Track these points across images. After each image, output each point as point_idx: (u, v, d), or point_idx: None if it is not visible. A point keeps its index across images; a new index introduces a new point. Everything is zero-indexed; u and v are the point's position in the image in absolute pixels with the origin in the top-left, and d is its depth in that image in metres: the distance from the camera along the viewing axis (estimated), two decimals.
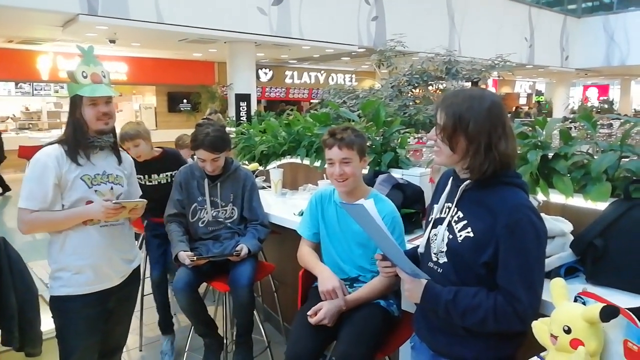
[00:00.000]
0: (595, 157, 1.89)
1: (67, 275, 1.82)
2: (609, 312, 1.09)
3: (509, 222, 1.27)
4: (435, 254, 1.44)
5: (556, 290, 1.27)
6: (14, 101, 11.68)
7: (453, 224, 1.40)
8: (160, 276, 2.92)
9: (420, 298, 1.40)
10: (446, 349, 1.44)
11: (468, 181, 1.38)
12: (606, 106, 17.84)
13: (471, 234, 1.34)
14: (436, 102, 1.42)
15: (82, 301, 1.83)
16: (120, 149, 2.01)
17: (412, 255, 1.57)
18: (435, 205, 1.51)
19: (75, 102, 1.80)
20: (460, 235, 1.36)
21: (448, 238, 1.40)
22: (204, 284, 2.51)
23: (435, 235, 1.45)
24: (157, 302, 2.97)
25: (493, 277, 1.32)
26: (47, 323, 2.06)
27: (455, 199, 1.41)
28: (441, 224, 1.44)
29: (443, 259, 1.42)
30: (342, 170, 1.87)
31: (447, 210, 1.44)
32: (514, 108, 19.06)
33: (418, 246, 1.56)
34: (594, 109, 16.55)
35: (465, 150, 1.33)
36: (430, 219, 1.51)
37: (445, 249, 1.40)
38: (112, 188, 1.88)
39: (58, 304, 1.85)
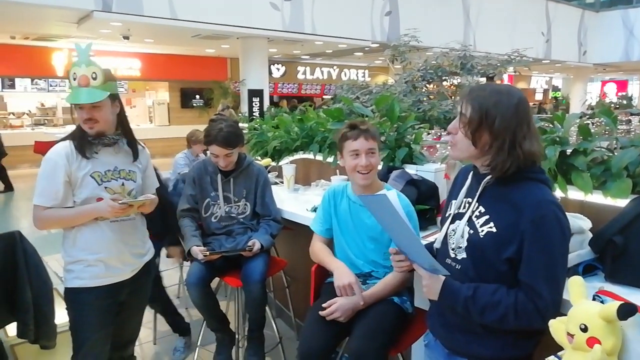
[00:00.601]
0: (615, 153, 1.85)
1: (79, 268, 1.84)
2: (627, 310, 1.07)
3: (534, 217, 1.25)
4: (453, 249, 1.42)
5: (574, 289, 1.25)
6: (29, 97, 11.83)
7: (474, 219, 1.37)
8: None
9: (438, 295, 1.37)
10: (463, 347, 1.41)
11: (490, 176, 1.35)
12: (625, 102, 17.48)
13: (494, 229, 1.32)
14: (461, 93, 1.39)
15: (94, 293, 1.85)
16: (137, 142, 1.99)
17: (429, 249, 1.54)
18: (453, 201, 1.49)
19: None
20: (482, 231, 1.34)
21: (469, 233, 1.37)
22: (216, 279, 2.51)
23: (453, 230, 1.43)
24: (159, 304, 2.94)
25: (513, 274, 1.30)
26: (61, 316, 2.08)
27: (477, 194, 1.38)
28: (460, 220, 1.41)
29: (462, 255, 1.39)
30: (368, 161, 1.86)
31: (467, 205, 1.42)
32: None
33: (434, 242, 1.54)
34: (613, 105, 16.23)
35: (488, 146, 1.31)
36: (447, 215, 1.49)
37: (465, 244, 1.38)
38: (123, 184, 1.89)
39: (71, 296, 1.87)
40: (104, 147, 1.85)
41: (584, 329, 1.14)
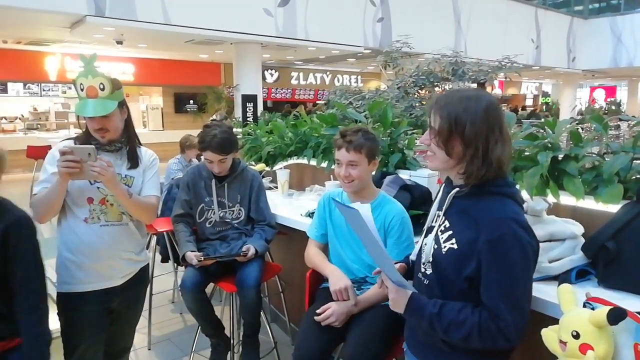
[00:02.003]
0: (605, 158, 1.88)
1: (67, 272, 1.83)
2: (616, 315, 1.08)
3: (491, 237, 1.20)
4: (423, 264, 1.39)
5: (564, 296, 1.26)
6: (22, 102, 11.73)
7: (439, 233, 1.34)
8: None
9: (404, 309, 1.34)
10: None
11: (457, 189, 1.32)
12: (614, 107, 17.73)
13: (455, 246, 1.28)
14: (428, 104, 1.36)
15: (83, 299, 1.84)
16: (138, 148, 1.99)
17: (405, 263, 1.56)
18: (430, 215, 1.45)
19: None
20: (445, 247, 1.30)
21: (433, 248, 1.34)
22: (211, 284, 2.51)
23: (426, 244, 1.40)
24: None
25: (476, 292, 1.26)
26: (54, 322, 2.06)
27: (444, 208, 1.35)
28: (431, 233, 1.39)
29: (429, 270, 1.36)
30: (347, 172, 1.88)
31: (437, 219, 1.38)
32: (521, 108, 18.92)
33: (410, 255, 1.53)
34: (602, 110, 16.44)
35: (462, 155, 1.26)
36: (424, 228, 1.46)
37: (431, 259, 1.35)
38: None
39: (61, 301, 1.86)
40: (106, 153, 1.86)
41: (576, 336, 1.15)
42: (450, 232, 1.31)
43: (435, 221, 1.39)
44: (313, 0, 9.16)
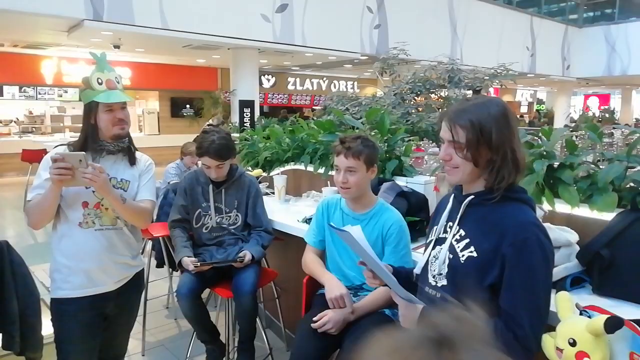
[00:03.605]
0: (600, 167, 1.90)
1: (60, 277, 1.83)
2: (613, 324, 1.09)
3: (515, 240, 1.19)
4: (433, 277, 1.35)
5: (562, 304, 1.27)
6: (17, 105, 11.68)
7: (454, 243, 1.31)
8: None
9: (416, 324, 1.29)
10: None
11: (471, 197, 1.30)
12: (607, 115, 17.87)
13: (474, 254, 1.25)
14: (442, 118, 1.31)
15: (76, 304, 1.83)
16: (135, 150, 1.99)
17: (406, 277, 1.51)
18: (435, 227, 1.43)
19: (91, 108, 1.82)
20: (463, 255, 1.27)
21: (449, 259, 1.31)
22: (207, 290, 2.50)
23: (434, 257, 1.37)
24: None
25: (495, 301, 1.22)
26: (48, 327, 2.05)
27: (458, 217, 1.32)
28: (441, 245, 1.35)
29: (442, 282, 1.32)
30: (345, 178, 1.89)
31: (449, 229, 1.35)
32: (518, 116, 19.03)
33: (413, 268, 1.49)
34: (596, 118, 16.57)
35: (489, 163, 1.24)
36: (429, 241, 1.43)
37: (446, 270, 1.31)
38: None
39: (54, 307, 1.86)
40: (108, 154, 1.86)
41: (573, 344, 1.16)
42: (467, 241, 1.28)
43: (445, 232, 1.36)
44: (310, 7, 9.21)
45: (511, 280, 1.19)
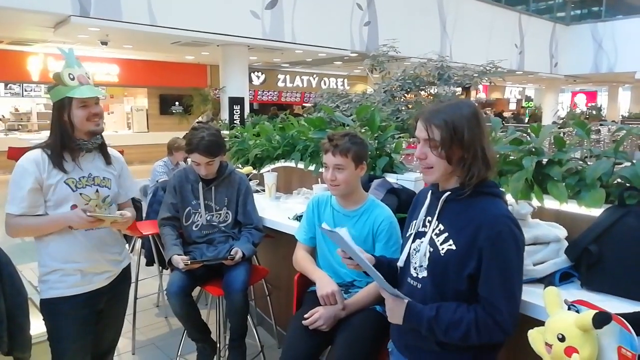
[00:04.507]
0: (588, 162, 1.91)
1: (55, 278, 1.81)
2: (601, 319, 1.10)
3: (491, 233, 1.28)
4: (415, 269, 1.44)
5: (550, 299, 1.28)
6: (3, 102, 11.52)
7: (434, 237, 1.39)
8: None
9: (402, 318, 1.38)
10: None
11: (448, 193, 1.38)
12: (594, 112, 18.07)
13: (453, 247, 1.34)
14: (418, 118, 1.40)
15: (71, 302, 1.82)
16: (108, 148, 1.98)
17: (390, 267, 1.58)
18: (414, 221, 1.51)
19: (64, 105, 1.77)
20: (443, 249, 1.36)
21: (429, 252, 1.39)
22: (197, 288, 2.49)
23: (414, 250, 1.45)
24: None
25: (473, 290, 1.32)
26: (36, 327, 2.03)
27: (437, 212, 1.40)
28: (422, 238, 1.43)
29: (423, 274, 1.41)
30: (334, 175, 1.89)
31: (428, 224, 1.43)
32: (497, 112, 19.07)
33: (396, 261, 1.56)
34: (583, 115, 16.75)
35: (460, 160, 1.33)
36: (409, 234, 1.50)
37: (426, 262, 1.39)
38: (97, 190, 1.87)
39: (48, 307, 1.84)
40: (86, 152, 1.84)
41: (562, 339, 1.17)
42: (446, 235, 1.37)
43: (424, 226, 1.44)
44: (300, 3, 9.18)
45: (488, 270, 1.29)
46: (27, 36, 8.99)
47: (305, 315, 1.82)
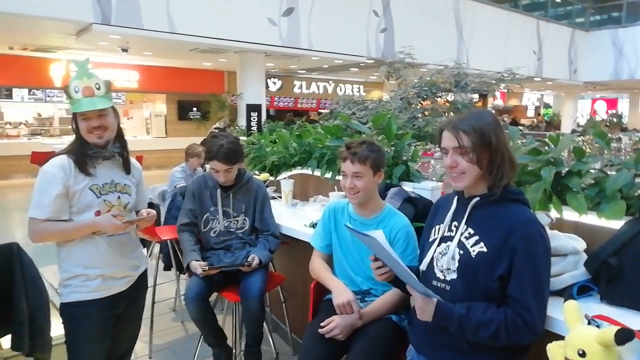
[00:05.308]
0: (610, 171, 1.89)
1: (77, 282, 1.85)
2: (624, 336, 1.09)
3: (523, 235, 1.34)
4: (441, 271, 1.47)
5: (570, 313, 1.27)
6: (26, 107, 11.80)
7: (464, 240, 1.44)
8: None
9: (432, 316, 1.41)
10: None
11: (477, 199, 1.43)
12: (615, 120, 17.75)
13: (485, 249, 1.39)
14: (443, 129, 1.46)
15: (92, 306, 1.86)
16: (130, 156, 2.00)
17: (414, 271, 1.57)
18: (438, 226, 1.54)
19: (74, 116, 1.82)
20: (474, 251, 1.41)
21: (459, 254, 1.43)
22: (214, 293, 2.52)
23: (440, 253, 1.49)
24: None
25: (502, 291, 1.37)
26: (56, 329, 2.08)
27: (465, 217, 1.45)
28: (449, 241, 1.47)
29: (451, 276, 1.44)
30: (353, 183, 1.89)
31: (455, 228, 1.48)
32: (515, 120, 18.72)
33: (419, 265, 1.58)
34: (603, 122, 16.46)
35: (490, 164, 1.39)
36: (433, 239, 1.54)
37: (456, 265, 1.43)
38: (119, 197, 1.91)
39: (68, 310, 1.87)
40: (104, 160, 1.87)
41: (582, 354, 1.15)
42: (476, 238, 1.42)
43: (451, 230, 1.49)
44: (317, 11, 9.24)
45: (520, 270, 1.34)
46: (50, 43, 9.22)
47: (322, 324, 1.82)
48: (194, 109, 13.44)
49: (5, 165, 10.05)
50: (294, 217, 2.90)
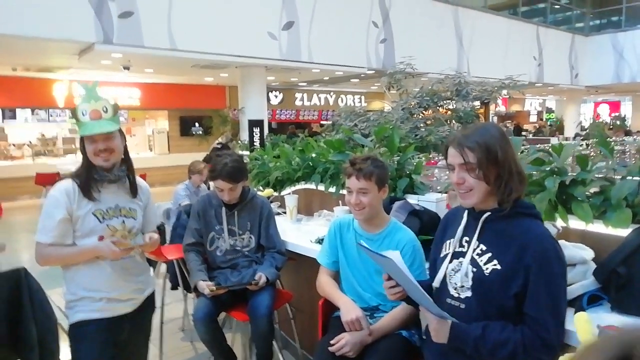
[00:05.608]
0: (615, 177, 1.88)
1: (81, 303, 1.86)
2: None
3: (537, 251, 1.31)
4: (455, 289, 1.44)
5: (581, 325, 1.26)
6: (30, 128, 11.88)
7: (476, 257, 1.40)
8: None
9: (447, 338, 1.38)
10: None
11: (488, 214, 1.40)
12: (618, 122, 17.72)
13: (498, 267, 1.36)
14: (450, 143, 1.43)
15: (96, 326, 1.86)
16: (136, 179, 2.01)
17: (427, 287, 1.56)
18: (449, 240, 1.51)
19: (82, 139, 1.84)
20: (487, 268, 1.38)
21: (472, 272, 1.40)
22: (222, 313, 2.51)
23: (453, 270, 1.45)
24: None
25: (518, 309, 1.33)
26: (65, 352, 2.08)
27: (476, 232, 1.41)
28: (461, 258, 1.44)
29: (466, 294, 1.41)
30: (358, 199, 1.90)
31: (466, 244, 1.44)
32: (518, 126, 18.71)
33: (432, 281, 1.56)
34: (607, 126, 16.42)
35: (497, 179, 1.35)
36: (444, 254, 1.51)
37: (470, 283, 1.40)
38: (123, 222, 1.91)
39: (74, 330, 1.88)
40: (109, 183, 1.88)
41: None
42: (489, 255, 1.39)
43: (462, 246, 1.46)
44: (316, 24, 9.32)
45: (536, 288, 1.31)
46: (52, 64, 9.32)
47: (331, 342, 1.81)
48: (196, 124, 13.51)
49: (11, 186, 10.10)
50: (298, 232, 2.89)
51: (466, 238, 1.45)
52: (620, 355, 0.39)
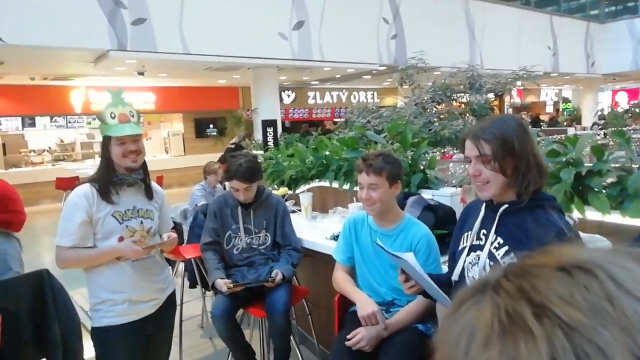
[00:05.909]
0: (633, 166, 1.86)
1: (105, 308, 1.91)
2: None
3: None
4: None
5: None
6: (49, 134, 12.17)
7: (493, 250, 1.39)
8: None
9: None
10: None
11: (505, 206, 1.37)
12: (638, 110, 17.34)
13: (516, 260, 1.34)
14: (465, 138, 1.41)
15: (122, 330, 1.90)
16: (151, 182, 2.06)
17: (439, 284, 1.55)
18: (467, 233, 1.50)
19: (106, 142, 1.90)
20: (504, 262, 1.36)
21: (489, 265, 1.39)
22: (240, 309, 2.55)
23: (471, 263, 1.44)
24: None
25: None
26: (88, 351, 2.13)
27: (494, 225, 1.39)
28: (479, 251, 1.43)
29: None
30: (368, 194, 1.91)
31: (484, 237, 1.43)
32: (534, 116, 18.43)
33: (450, 274, 1.56)
34: (626, 114, 16.10)
35: (515, 171, 1.33)
36: (462, 247, 1.50)
37: None
38: (142, 222, 1.96)
39: (99, 334, 1.93)
40: (128, 186, 1.93)
41: None
42: (506, 248, 1.36)
43: (479, 239, 1.44)
44: (326, 22, 9.32)
45: None
46: (69, 72, 9.50)
47: (348, 336, 1.83)
48: (211, 126, 13.65)
49: (32, 192, 10.33)
50: (314, 229, 2.92)
51: (484, 231, 1.43)
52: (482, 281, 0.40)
